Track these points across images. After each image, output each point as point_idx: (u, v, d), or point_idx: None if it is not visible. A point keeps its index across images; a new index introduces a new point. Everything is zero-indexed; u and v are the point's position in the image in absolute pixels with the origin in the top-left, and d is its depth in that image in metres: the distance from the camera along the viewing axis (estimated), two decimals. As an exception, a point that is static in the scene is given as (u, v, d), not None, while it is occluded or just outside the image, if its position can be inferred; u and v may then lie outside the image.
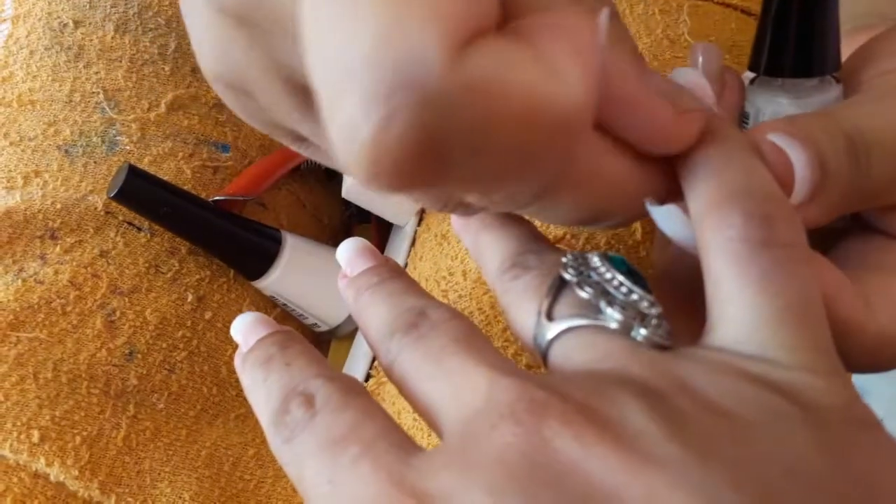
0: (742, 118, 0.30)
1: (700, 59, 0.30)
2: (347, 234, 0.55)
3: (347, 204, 0.48)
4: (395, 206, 0.47)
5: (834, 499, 0.17)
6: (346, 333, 0.48)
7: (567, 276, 0.23)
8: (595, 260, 0.23)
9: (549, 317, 0.22)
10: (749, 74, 0.30)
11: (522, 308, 0.24)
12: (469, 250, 0.28)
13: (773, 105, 0.29)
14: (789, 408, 0.19)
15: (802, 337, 0.20)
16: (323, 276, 0.46)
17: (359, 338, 0.47)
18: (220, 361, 0.42)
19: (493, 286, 0.26)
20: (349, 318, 0.47)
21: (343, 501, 0.19)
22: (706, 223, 0.21)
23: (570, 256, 0.24)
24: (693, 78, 0.24)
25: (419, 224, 0.48)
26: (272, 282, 0.45)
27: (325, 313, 0.47)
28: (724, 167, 0.22)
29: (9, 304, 0.38)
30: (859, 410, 0.20)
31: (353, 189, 0.46)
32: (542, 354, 0.23)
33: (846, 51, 0.29)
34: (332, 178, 0.52)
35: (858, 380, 0.22)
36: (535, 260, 0.25)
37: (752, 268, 0.20)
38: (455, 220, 0.28)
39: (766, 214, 0.21)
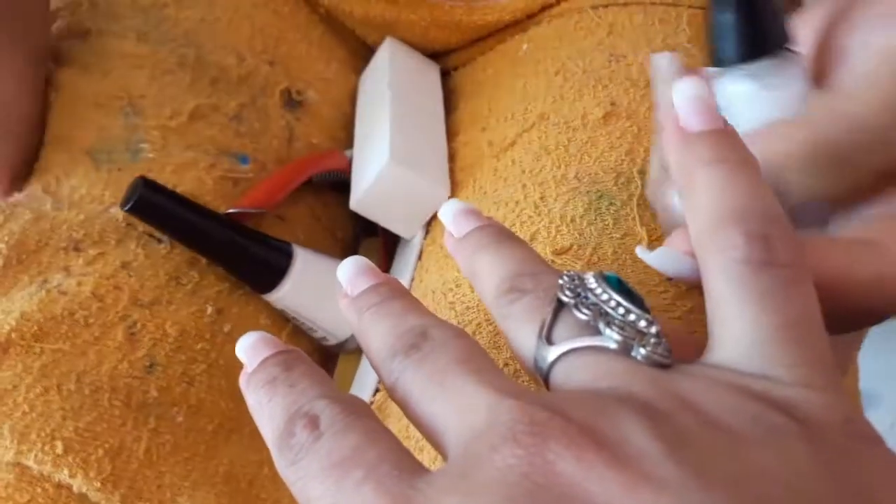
0: None
1: (657, 69, 0.32)
2: (357, 247, 0.55)
3: (358, 217, 0.48)
4: (402, 219, 0.48)
5: None
6: (354, 347, 0.48)
7: (564, 299, 0.23)
8: (591, 280, 0.23)
9: (549, 340, 0.23)
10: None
11: (522, 332, 0.24)
12: (462, 271, 0.28)
13: (742, 95, 0.30)
14: (789, 424, 0.19)
15: (802, 354, 0.21)
16: (333, 290, 0.46)
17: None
18: (238, 375, 0.42)
19: (490, 309, 0.26)
20: (356, 334, 0.47)
21: None
22: (707, 244, 0.22)
23: (566, 278, 0.24)
24: (697, 93, 0.24)
25: (426, 237, 0.48)
26: (282, 295, 0.45)
27: (335, 327, 0.47)
28: (725, 188, 0.22)
29: (33, 315, 0.37)
30: (859, 425, 0.20)
31: (361, 202, 0.47)
32: (543, 378, 0.23)
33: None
34: (341, 190, 0.52)
35: (867, 388, 0.23)
36: (531, 282, 0.25)
37: (752, 288, 0.21)
38: (448, 240, 0.28)
39: (766, 235, 0.21)
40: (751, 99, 0.29)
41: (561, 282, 0.24)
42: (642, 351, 0.21)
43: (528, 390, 0.21)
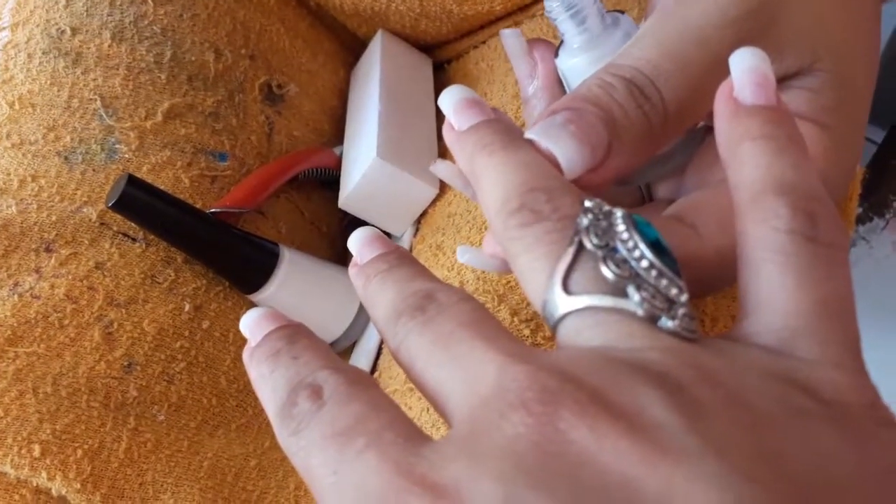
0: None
1: (506, 45, 0.32)
2: (346, 243, 0.54)
3: (345, 212, 0.48)
4: (390, 217, 0.47)
5: (855, 492, 0.17)
6: (342, 350, 0.48)
7: (589, 246, 0.21)
8: (620, 225, 0.21)
9: (566, 288, 0.21)
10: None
11: (532, 265, 0.22)
12: (462, 168, 0.26)
13: (576, 67, 0.30)
14: (814, 406, 0.19)
15: (836, 332, 0.20)
16: (320, 292, 0.46)
17: (356, 353, 0.47)
18: (219, 371, 0.42)
19: (492, 223, 0.23)
20: (345, 334, 0.47)
21: (349, 492, 0.19)
22: (751, 212, 0.21)
23: (590, 215, 0.21)
24: (754, 63, 0.23)
25: (415, 234, 0.48)
26: (268, 296, 0.44)
27: (321, 329, 0.46)
28: (772, 163, 0.21)
29: (6, 320, 0.37)
30: (881, 410, 0.20)
31: (349, 200, 0.46)
32: (550, 325, 0.22)
33: None
34: (330, 186, 0.51)
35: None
36: (546, 204, 0.22)
37: (795, 259, 0.20)
38: (448, 133, 0.26)
39: (812, 212, 0.21)
40: (584, 70, 0.29)
41: (585, 220, 0.21)
42: (669, 324, 0.20)
43: (538, 353, 0.20)
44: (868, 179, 0.77)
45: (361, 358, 0.45)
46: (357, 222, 0.49)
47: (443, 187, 0.46)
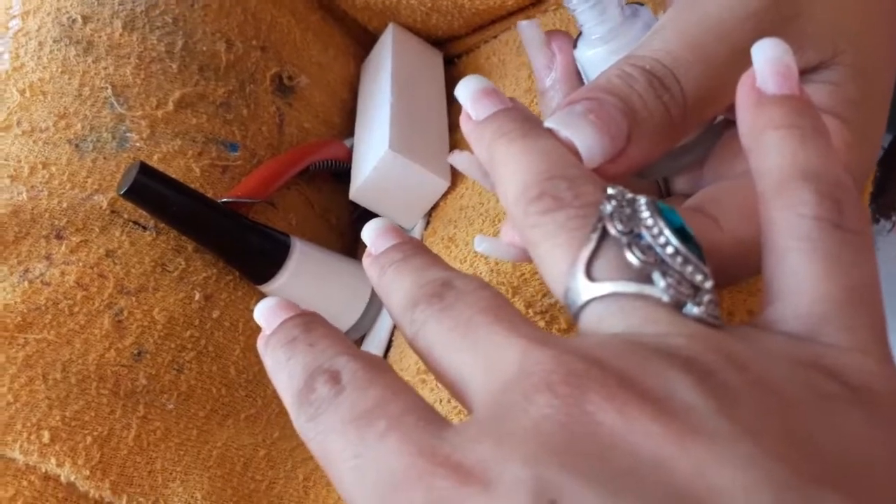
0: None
1: (523, 36, 0.32)
2: (355, 236, 0.54)
3: (355, 205, 0.48)
4: (401, 209, 0.47)
5: (882, 475, 0.17)
6: (351, 342, 0.48)
7: (613, 232, 0.21)
8: (644, 212, 0.21)
9: (589, 275, 0.21)
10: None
11: (553, 252, 0.21)
12: (480, 158, 0.26)
13: (594, 58, 0.30)
14: (841, 391, 0.19)
15: (862, 319, 0.20)
16: (330, 283, 0.46)
17: (366, 345, 0.47)
18: (229, 361, 0.42)
19: (511, 211, 0.23)
20: (355, 326, 0.47)
21: (371, 474, 0.18)
22: (776, 199, 0.21)
23: (614, 202, 0.21)
24: (776, 54, 0.23)
25: (426, 227, 0.47)
26: (279, 287, 0.44)
27: (332, 320, 0.45)
28: (796, 152, 0.21)
29: (16, 306, 0.37)
30: None
31: (361, 192, 0.46)
32: (573, 313, 0.21)
33: None
34: (340, 179, 0.51)
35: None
36: (568, 191, 0.22)
37: (822, 245, 0.20)
38: (465, 123, 0.26)
39: (838, 199, 0.21)
40: (603, 61, 0.30)
41: (609, 207, 0.21)
42: (694, 310, 0.20)
43: (560, 338, 0.20)
44: (875, 181, 0.77)
45: (372, 349, 0.45)
46: (367, 215, 0.49)
47: (454, 180, 0.46)
